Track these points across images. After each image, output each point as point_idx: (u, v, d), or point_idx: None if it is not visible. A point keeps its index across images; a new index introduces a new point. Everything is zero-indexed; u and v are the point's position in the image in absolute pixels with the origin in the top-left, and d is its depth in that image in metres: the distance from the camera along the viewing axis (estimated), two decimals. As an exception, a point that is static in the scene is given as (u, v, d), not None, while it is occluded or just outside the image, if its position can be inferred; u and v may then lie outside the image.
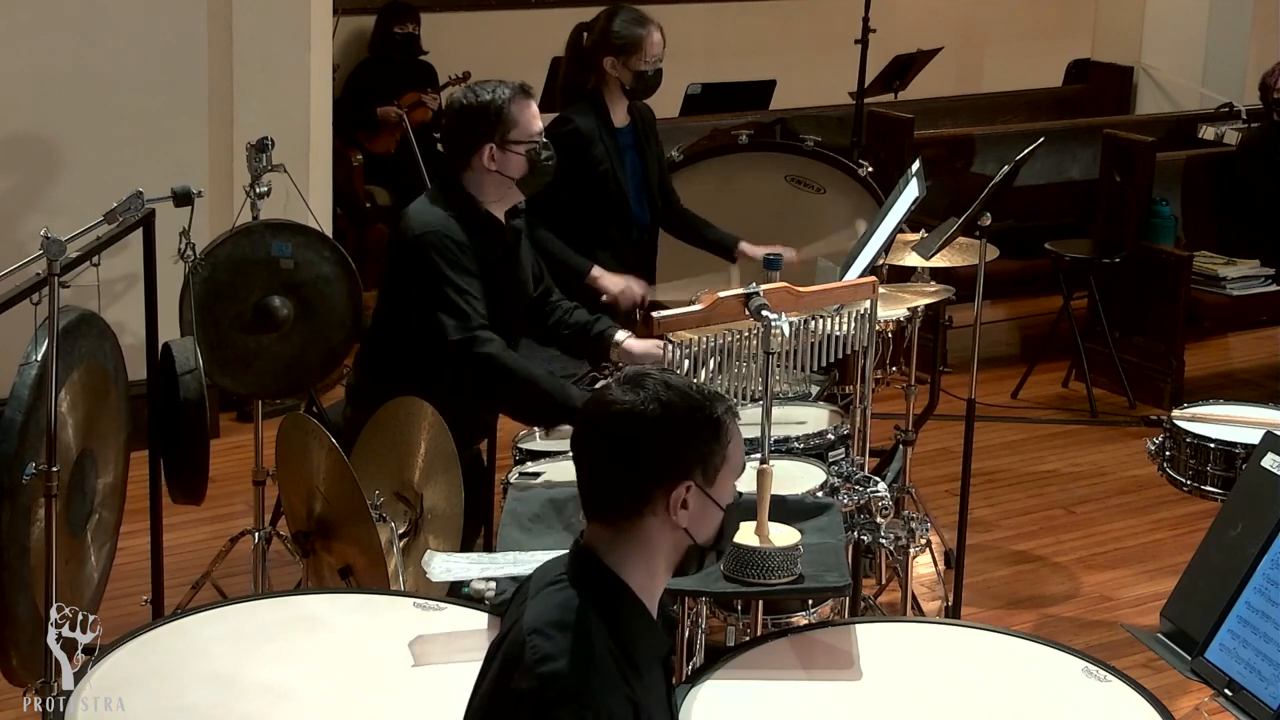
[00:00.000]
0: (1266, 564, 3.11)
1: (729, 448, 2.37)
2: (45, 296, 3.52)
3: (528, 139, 4.11)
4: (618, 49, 4.96)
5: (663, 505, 2.33)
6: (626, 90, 5.01)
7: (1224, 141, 8.23)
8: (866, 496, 3.73)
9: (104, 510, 4.08)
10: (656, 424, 2.32)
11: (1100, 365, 7.16)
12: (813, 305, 3.85)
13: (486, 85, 4.12)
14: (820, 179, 5.86)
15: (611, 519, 2.36)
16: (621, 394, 2.35)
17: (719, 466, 2.36)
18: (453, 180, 4.15)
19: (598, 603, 2.33)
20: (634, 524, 2.34)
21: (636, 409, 2.32)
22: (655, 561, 2.37)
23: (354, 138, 8.26)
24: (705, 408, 2.35)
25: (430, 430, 3.89)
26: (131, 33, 6.02)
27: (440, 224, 4.06)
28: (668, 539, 2.36)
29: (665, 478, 2.32)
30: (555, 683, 2.24)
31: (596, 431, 2.37)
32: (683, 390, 2.35)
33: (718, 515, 2.39)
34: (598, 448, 2.37)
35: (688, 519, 2.35)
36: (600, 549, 2.36)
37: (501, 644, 2.37)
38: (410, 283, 4.08)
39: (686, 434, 2.33)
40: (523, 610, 2.36)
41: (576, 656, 2.26)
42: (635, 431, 2.32)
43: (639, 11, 5.02)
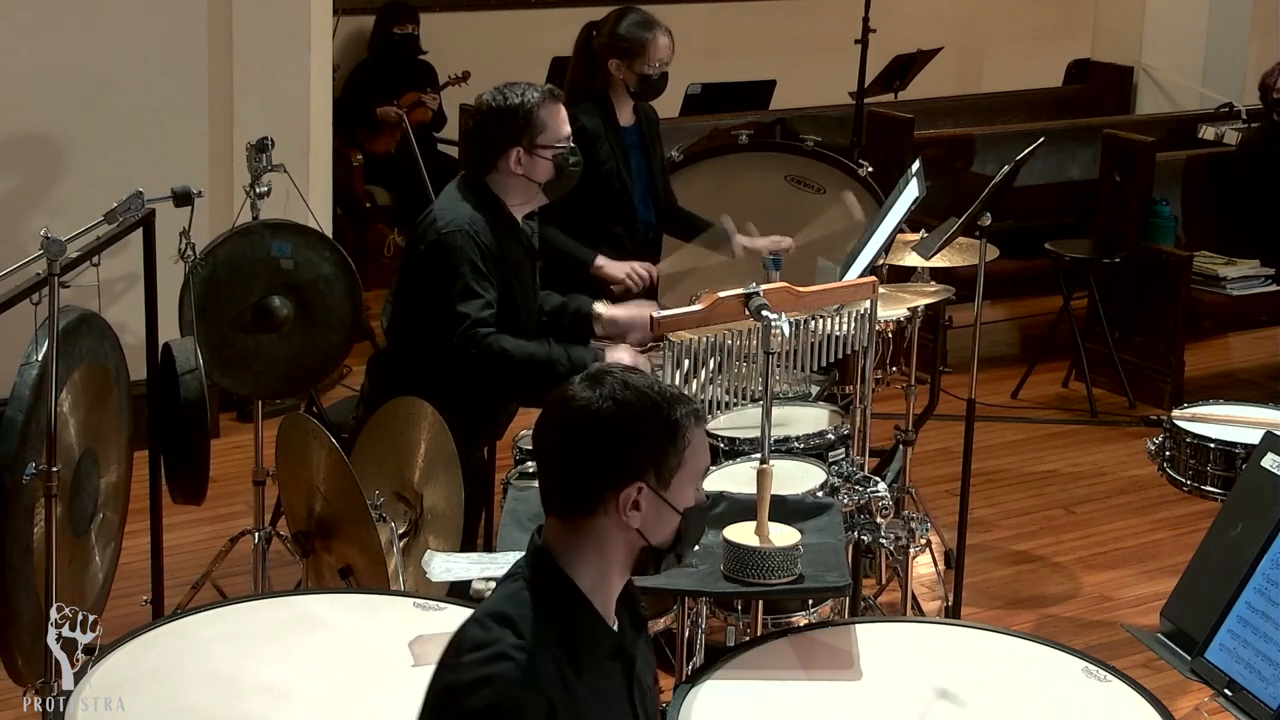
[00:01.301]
0: (1266, 564, 3.11)
1: (686, 452, 2.34)
2: (45, 296, 3.52)
3: (555, 143, 4.07)
4: (623, 51, 4.96)
5: (614, 506, 2.31)
6: (631, 92, 5.02)
7: (1224, 141, 8.23)
8: (866, 496, 3.73)
9: (107, 510, 4.08)
10: (609, 422, 2.30)
11: (1100, 365, 7.16)
12: (813, 305, 3.85)
13: (516, 87, 4.06)
14: (820, 179, 5.86)
15: (565, 516, 2.34)
16: (580, 390, 2.33)
17: (674, 469, 2.33)
18: (479, 181, 4.11)
19: (544, 599, 2.32)
20: (587, 522, 2.33)
21: (592, 406, 2.30)
22: (608, 561, 2.35)
23: (354, 138, 8.26)
24: (662, 409, 2.32)
25: (430, 430, 3.89)
26: (131, 33, 6.03)
27: (468, 222, 4.00)
28: (619, 540, 2.34)
29: (616, 477, 2.30)
30: (472, 669, 2.24)
31: (552, 427, 2.36)
32: (641, 389, 2.32)
33: (674, 519, 2.36)
34: (552, 443, 2.35)
35: (640, 520, 2.32)
36: (554, 546, 2.35)
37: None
38: (428, 280, 4.05)
39: (639, 434, 2.31)
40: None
41: (501, 647, 2.25)
42: (588, 429, 2.30)
43: (647, 14, 5.02)
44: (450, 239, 3.98)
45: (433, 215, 4.07)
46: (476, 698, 2.21)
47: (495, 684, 2.22)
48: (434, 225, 4.03)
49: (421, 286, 4.07)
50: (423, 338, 4.10)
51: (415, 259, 4.09)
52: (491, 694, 2.21)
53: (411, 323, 4.16)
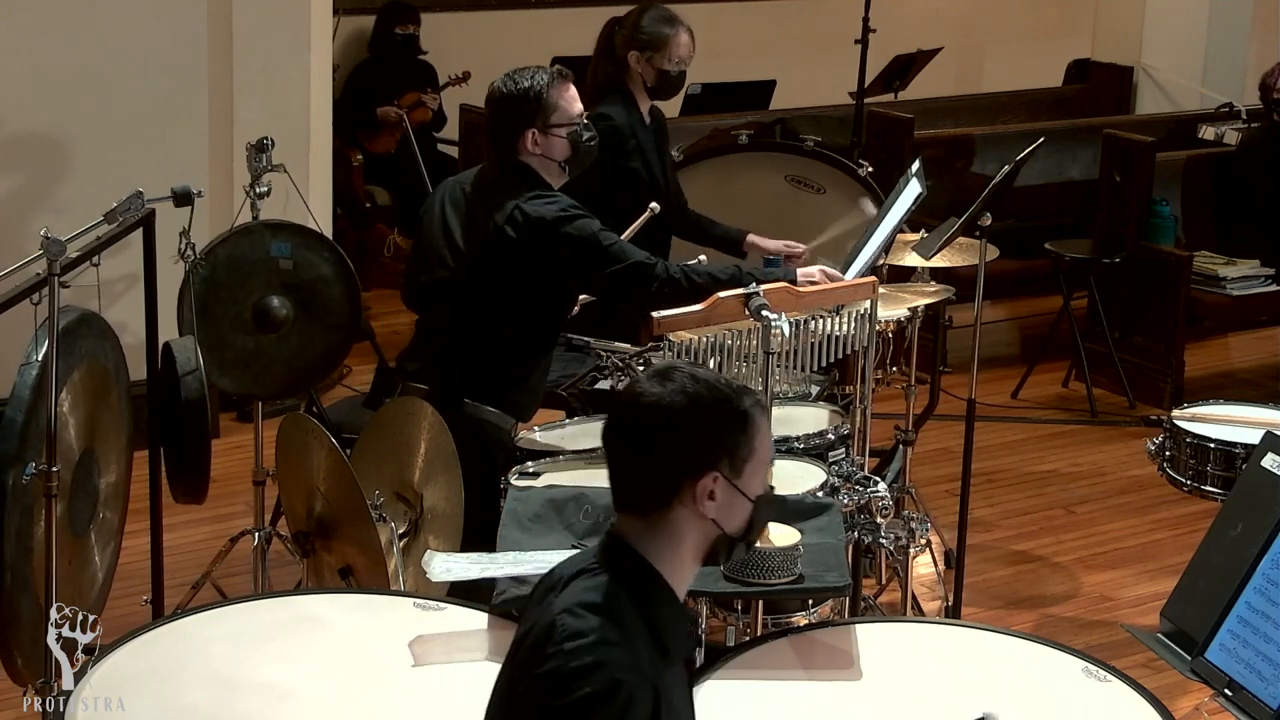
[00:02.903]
0: (1266, 564, 3.11)
1: (756, 440, 2.40)
2: (45, 296, 3.52)
3: (569, 121, 4.15)
4: (643, 45, 4.97)
5: (690, 496, 2.36)
6: (648, 88, 5.02)
7: (1224, 141, 8.23)
8: (866, 496, 3.73)
9: (107, 510, 4.08)
10: (682, 416, 2.35)
11: (1100, 365, 7.16)
12: (813, 305, 3.85)
13: (525, 72, 4.16)
14: (820, 179, 5.85)
15: (641, 510, 2.39)
16: (649, 386, 2.38)
17: (746, 458, 2.39)
18: (521, 163, 4.16)
19: (630, 587, 2.36)
20: (662, 515, 2.38)
21: (663, 401, 2.36)
22: (683, 552, 2.40)
23: (354, 138, 8.26)
24: (732, 400, 2.38)
25: (430, 430, 3.89)
26: (131, 33, 6.02)
27: (566, 200, 4.11)
28: (696, 529, 2.39)
29: (692, 469, 2.36)
30: (579, 655, 2.26)
31: (624, 424, 2.41)
32: (710, 382, 2.39)
33: (746, 506, 2.42)
34: (625, 440, 2.41)
35: (715, 510, 2.38)
36: (631, 538, 2.39)
37: (525, 638, 2.38)
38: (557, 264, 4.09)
39: (712, 426, 2.36)
40: (552, 601, 2.37)
41: (604, 634, 2.29)
42: (662, 423, 2.36)
43: (671, 11, 5.04)
44: (563, 223, 4.06)
45: (526, 208, 4.08)
46: (590, 682, 2.24)
47: (608, 669, 2.25)
48: (533, 217, 4.06)
49: (535, 270, 4.10)
50: (516, 320, 4.15)
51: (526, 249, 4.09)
52: (605, 679, 2.24)
53: (503, 308, 4.17)
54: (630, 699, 2.25)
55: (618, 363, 4.56)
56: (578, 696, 2.24)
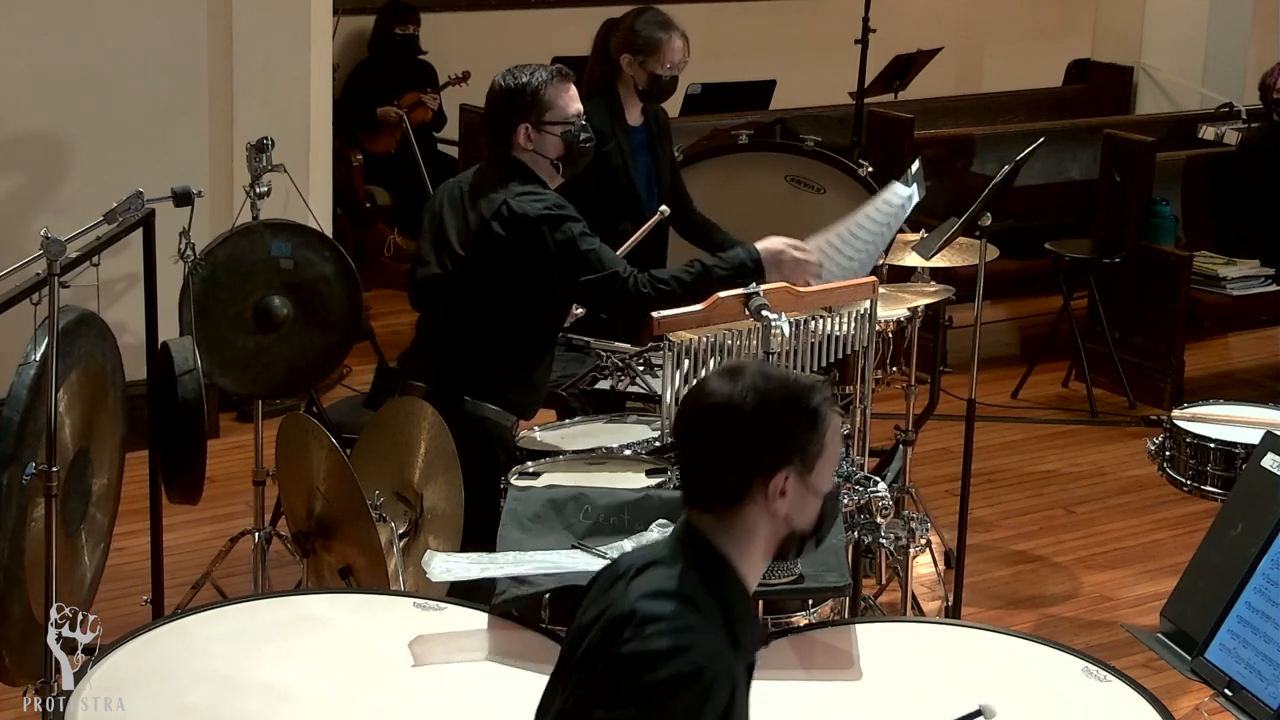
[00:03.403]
0: (1266, 564, 3.11)
1: (826, 437, 2.41)
2: (45, 296, 3.52)
3: (563, 120, 4.14)
4: (637, 48, 4.96)
5: (762, 494, 2.37)
6: (640, 92, 5.02)
7: (1224, 141, 8.23)
8: (866, 496, 3.73)
9: (98, 511, 4.08)
10: (755, 414, 2.35)
11: (1100, 365, 7.16)
12: (813, 305, 3.85)
13: (525, 68, 4.16)
14: (820, 179, 5.85)
15: (712, 507, 2.39)
16: (720, 385, 2.39)
17: (817, 455, 2.39)
18: (517, 160, 4.15)
19: (705, 578, 2.36)
20: (734, 512, 2.38)
21: (734, 400, 2.36)
22: (755, 547, 2.41)
23: (354, 138, 8.26)
24: (803, 398, 2.39)
25: (430, 430, 3.89)
26: (131, 33, 6.02)
27: (554, 199, 4.10)
28: (767, 526, 2.40)
29: (764, 467, 2.36)
30: (662, 638, 2.26)
31: (696, 423, 2.41)
32: (780, 380, 2.39)
33: (816, 503, 2.42)
34: (698, 439, 2.41)
35: (787, 507, 2.38)
36: (705, 532, 2.40)
37: (595, 623, 2.37)
38: (538, 261, 4.08)
39: (784, 424, 2.37)
40: (623, 590, 2.37)
41: (686, 620, 2.29)
42: (734, 423, 2.36)
43: (666, 15, 5.02)
44: (547, 222, 4.05)
45: (513, 204, 4.08)
46: (674, 665, 2.24)
47: (691, 653, 2.26)
48: (518, 213, 4.06)
49: (522, 268, 4.10)
50: (508, 316, 4.14)
51: (512, 245, 4.08)
52: (688, 663, 2.25)
53: (494, 304, 4.16)
54: (712, 684, 2.26)
55: (618, 363, 4.56)
56: (662, 677, 2.24)
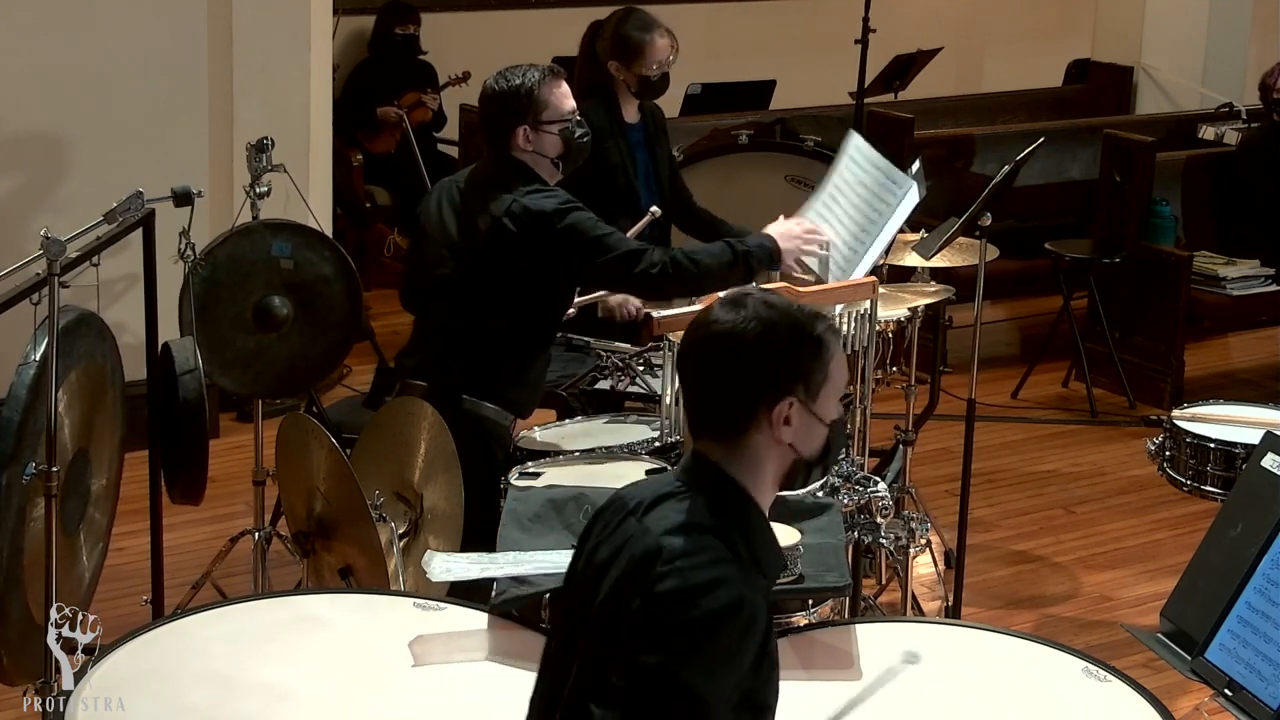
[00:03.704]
0: (1266, 564, 3.11)
1: (831, 365, 2.41)
2: (45, 296, 3.52)
3: (560, 118, 4.15)
4: (621, 53, 4.97)
5: (767, 421, 2.37)
6: (633, 92, 5.03)
7: (1224, 141, 8.23)
8: (866, 496, 3.73)
9: (97, 511, 4.08)
10: (758, 342, 2.36)
11: (1100, 365, 7.16)
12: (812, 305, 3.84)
13: (516, 70, 4.16)
14: (820, 179, 5.84)
15: (720, 436, 2.39)
16: (723, 314, 2.39)
17: (821, 383, 2.39)
18: (516, 160, 4.16)
19: (724, 507, 2.36)
20: (741, 441, 2.38)
21: (738, 328, 2.36)
22: (764, 474, 2.41)
23: (354, 138, 8.26)
24: (806, 325, 2.39)
25: (430, 430, 3.89)
26: (131, 33, 6.03)
27: (563, 194, 4.11)
28: (774, 453, 2.40)
29: (769, 395, 2.36)
30: (698, 572, 2.26)
31: (700, 351, 2.41)
32: (783, 308, 2.39)
33: (822, 431, 2.42)
34: (702, 367, 2.41)
35: (792, 434, 2.38)
36: (715, 459, 2.40)
37: (614, 560, 2.36)
38: (553, 256, 4.09)
39: (788, 351, 2.37)
40: (638, 527, 2.35)
41: (718, 552, 2.29)
42: (738, 350, 2.36)
43: (647, 16, 5.02)
44: (561, 216, 4.06)
45: (525, 202, 4.09)
46: (716, 598, 2.24)
47: (730, 586, 2.26)
48: (533, 210, 4.07)
49: (535, 264, 4.11)
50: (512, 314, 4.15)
51: (526, 242, 4.09)
52: (729, 595, 2.25)
53: (499, 303, 4.16)
54: (753, 615, 2.27)
55: (618, 363, 4.56)
56: (704, 612, 2.24)
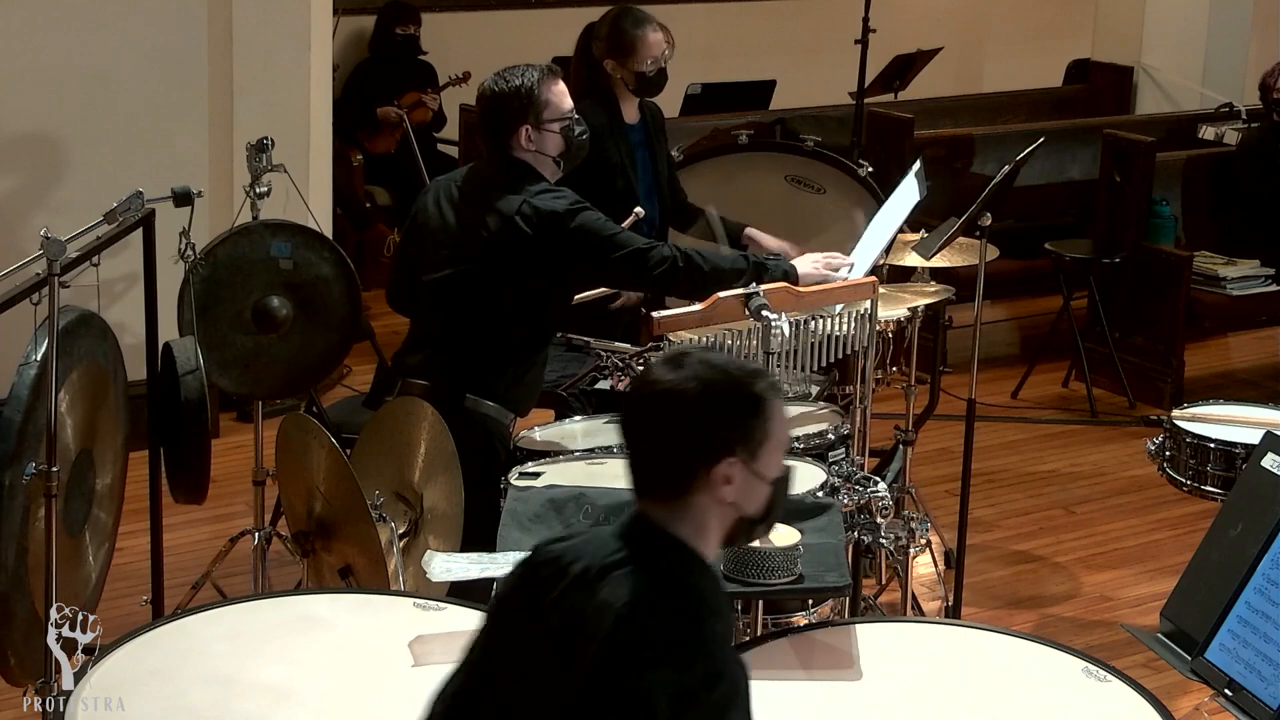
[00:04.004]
0: (1266, 564, 3.11)
1: (771, 423, 2.39)
2: (45, 296, 3.52)
3: (560, 117, 4.17)
4: (615, 51, 4.98)
5: (708, 482, 2.35)
6: (631, 90, 5.03)
7: (1224, 141, 8.23)
8: (866, 496, 3.73)
9: (101, 511, 4.08)
10: (696, 403, 2.34)
11: (1100, 365, 7.16)
12: (813, 305, 3.85)
13: (515, 70, 4.17)
14: (820, 179, 5.85)
15: (662, 497, 2.38)
16: (663, 373, 2.38)
17: (762, 442, 2.38)
18: (517, 160, 4.17)
19: (682, 574, 2.35)
20: (684, 501, 2.37)
21: (677, 388, 2.35)
22: (708, 535, 2.40)
23: (354, 138, 8.26)
24: (746, 384, 2.37)
25: (430, 430, 3.89)
26: (131, 33, 6.03)
27: (571, 194, 4.12)
28: (716, 513, 2.39)
29: (709, 455, 2.35)
30: (697, 666, 2.25)
31: (641, 412, 2.41)
32: (723, 368, 2.38)
33: (765, 489, 2.41)
34: (642, 429, 2.40)
35: (735, 494, 2.37)
36: (658, 521, 2.39)
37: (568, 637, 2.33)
38: (564, 256, 4.10)
39: (728, 411, 2.36)
40: (597, 598, 2.32)
41: (701, 630, 2.28)
42: (676, 411, 2.35)
43: (639, 13, 5.03)
44: (573, 216, 4.07)
45: (536, 203, 4.09)
46: (719, 689, 2.25)
47: (725, 669, 2.27)
48: (544, 211, 4.07)
49: (546, 263, 4.11)
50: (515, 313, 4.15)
51: (538, 242, 4.08)
52: (728, 680, 2.26)
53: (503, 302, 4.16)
54: (747, 687, 2.30)
55: (618, 363, 4.56)
56: (712, 703, 2.24)
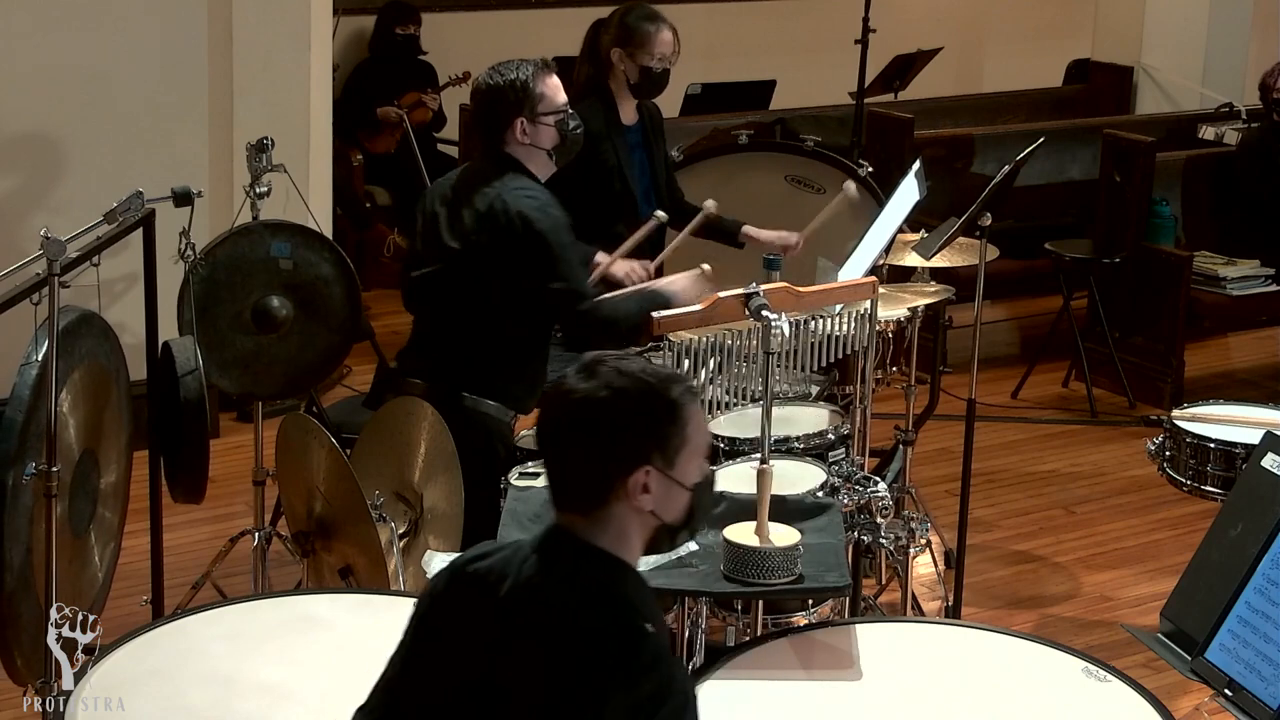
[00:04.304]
0: (1266, 564, 3.11)
1: (688, 428, 2.36)
2: (45, 296, 3.52)
3: (555, 110, 4.20)
4: (625, 41, 4.99)
5: (625, 491, 2.33)
6: (632, 86, 5.03)
7: (1224, 141, 8.23)
8: (866, 496, 3.73)
9: (106, 510, 4.08)
10: (610, 410, 2.31)
11: (1100, 365, 7.16)
12: (813, 305, 3.85)
13: (509, 65, 4.20)
14: (820, 179, 5.85)
15: (581, 508, 2.36)
16: (576, 383, 2.35)
17: (679, 448, 2.35)
18: (508, 155, 4.18)
19: (614, 584, 2.33)
20: (603, 512, 2.34)
21: (590, 397, 2.32)
22: (630, 544, 2.38)
23: (354, 138, 8.26)
24: (660, 390, 2.34)
25: (430, 430, 3.89)
26: (131, 33, 6.03)
27: (547, 198, 4.13)
28: (636, 522, 2.36)
29: (624, 463, 2.32)
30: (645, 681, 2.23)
31: (554, 424, 2.38)
32: (636, 375, 2.34)
33: (684, 496, 2.38)
34: (557, 439, 2.37)
35: (652, 502, 2.34)
36: (580, 534, 2.36)
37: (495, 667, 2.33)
38: (515, 262, 4.10)
39: (641, 419, 2.33)
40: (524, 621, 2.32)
41: (651, 646, 2.27)
42: (589, 419, 2.32)
43: (654, 10, 5.05)
44: (534, 221, 4.07)
45: (506, 197, 4.10)
46: (670, 704, 2.23)
47: (673, 680, 2.26)
48: (511, 209, 4.08)
49: (504, 268, 4.11)
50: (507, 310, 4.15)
51: (493, 243, 4.10)
52: (678, 693, 2.25)
53: (493, 299, 4.16)
54: (687, 690, 2.28)
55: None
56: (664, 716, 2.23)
